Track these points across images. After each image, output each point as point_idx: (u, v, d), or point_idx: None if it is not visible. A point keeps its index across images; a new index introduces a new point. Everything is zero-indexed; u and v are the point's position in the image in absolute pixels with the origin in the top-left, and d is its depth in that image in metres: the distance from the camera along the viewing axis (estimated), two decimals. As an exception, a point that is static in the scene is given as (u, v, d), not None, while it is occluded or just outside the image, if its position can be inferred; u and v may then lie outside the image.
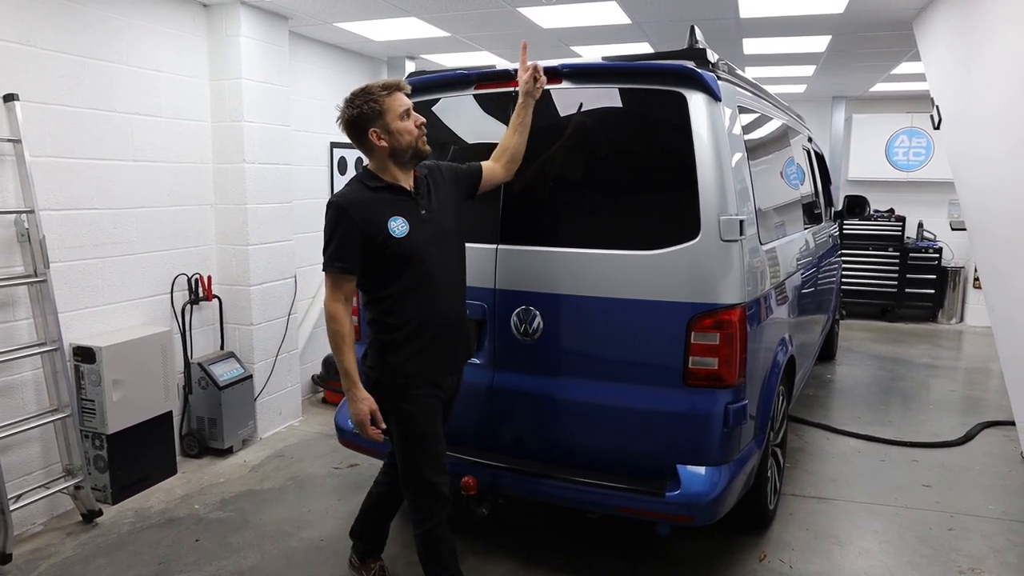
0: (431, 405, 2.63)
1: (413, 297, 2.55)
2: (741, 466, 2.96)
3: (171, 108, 4.34)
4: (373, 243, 2.48)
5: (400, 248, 2.50)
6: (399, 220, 2.52)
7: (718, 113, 2.84)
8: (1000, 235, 2.95)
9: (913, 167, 8.99)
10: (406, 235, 2.51)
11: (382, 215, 2.51)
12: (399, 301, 2.56)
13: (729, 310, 2.77)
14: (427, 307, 2.58)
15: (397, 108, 2.52)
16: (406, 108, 2.54)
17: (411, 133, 2.54)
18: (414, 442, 2.62)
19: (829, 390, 6.07)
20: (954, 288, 8.87)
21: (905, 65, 6.73)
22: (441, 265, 2.61)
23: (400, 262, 2.52)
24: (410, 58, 6.60)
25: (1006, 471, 4.37)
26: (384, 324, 2.60)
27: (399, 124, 2.52)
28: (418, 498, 2.65)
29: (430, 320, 2.59)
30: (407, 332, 2.56)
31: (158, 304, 4.35)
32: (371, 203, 2.52)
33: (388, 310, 2.58)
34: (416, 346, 2.58)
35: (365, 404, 2.52)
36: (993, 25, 3.28)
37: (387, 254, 2.50)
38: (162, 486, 4.12)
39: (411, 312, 2.56)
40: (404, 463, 2.65)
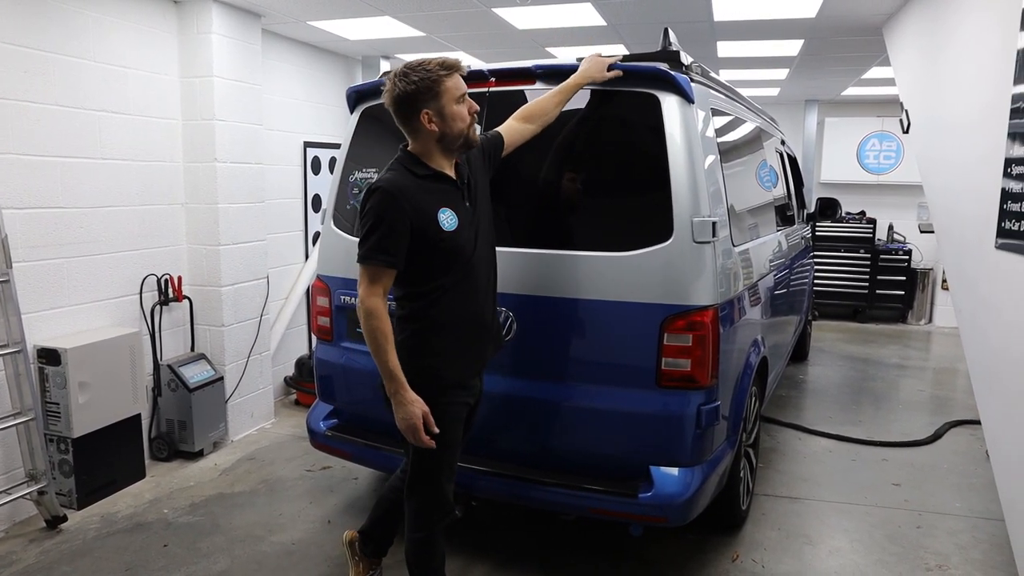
0: (460, 412, 2.54)
1: (456, 294, 2.42)
2: (714, 467, 2.97)
3: (140, 105, 4.27)
4: (424, 235, 2.30)
5: (450, 243, 2.35)
6: (447, 212, 2.35)
7: (691, 115, 2.86)
8: (967, 239, 2.99)
9: (884, 170, 9.13)
10: (456, 229, 2.36)
11: (432, 205, 2.33)
12: (442, 298, 2.41)
13: (702, 311, 2.78)
14: (468, 305, 2.47)
15: (455, 91, 2.34)
16: (463, 92, 2.37)
17: (464, 120, 2.37)
18: (440, 450, 2.42)
19: (801, 391, 6.14)
20: (923, 289, 9.01)
21: (876, 70, 6.83)
22: (483, 261, 2.51)
23: (448, 257, 2.38)
24: (385, 58, 6.57)
25: (972, 469, 4.44)
26: (423, 322, 2.42)
27: (454, 108, 2.34)
28: (425, 505, 2.54)
29: (470, 319, 2.48)
30: (448, 332, 2.44)
31: (127, 305, 4.27)
32: (420, 191, 2.33)
33: (429, 307, 2.41)
34: (456, 347, 2.46)
35: (417, 407, 2.30)
36: (959, 32, 3.33)
37: (435, 249, 2.34)
38: (130, 490, 4.04)
39: (453, 310, 2.43)
40: (420, 468, 2.49)
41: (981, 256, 2.79)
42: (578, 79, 2.85)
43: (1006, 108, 2.58)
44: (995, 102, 2.72)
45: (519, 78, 3.11)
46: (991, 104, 2.76)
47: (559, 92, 2.84)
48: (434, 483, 2.51)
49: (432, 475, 2.51)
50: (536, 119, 2.82)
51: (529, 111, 2.83)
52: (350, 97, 3.55)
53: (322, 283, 3.48)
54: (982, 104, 2.89)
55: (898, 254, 8.92)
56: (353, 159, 3.53)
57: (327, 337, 3.53)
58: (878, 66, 6.60)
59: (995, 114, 2.70)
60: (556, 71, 3.03)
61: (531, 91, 3.06)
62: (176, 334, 4.61)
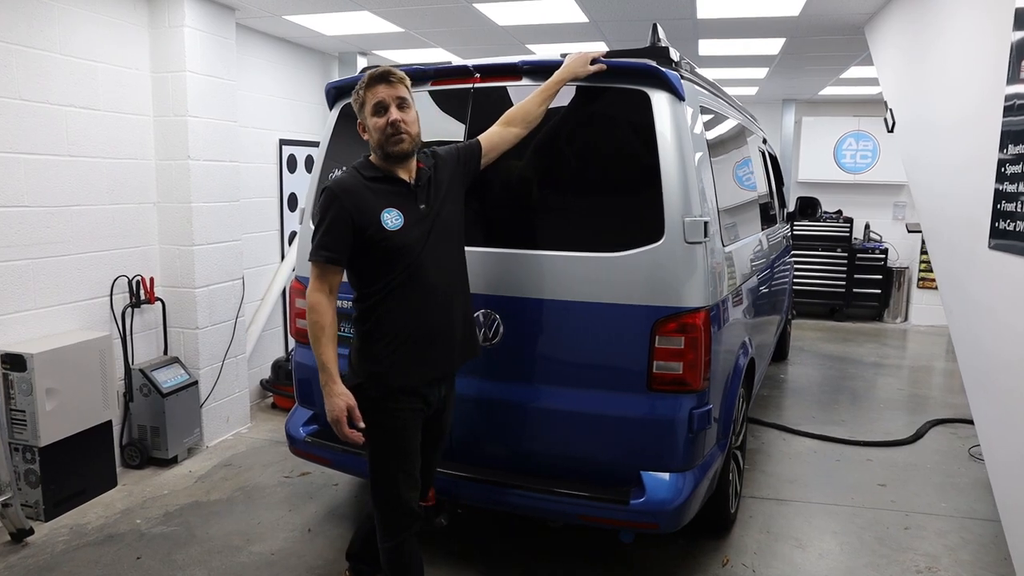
0: (412, 419, 2.47)
1: (401, 297, 2.40)
2: (705, 471, 2.92)
3: (110, 101, 4.12)
4: (363, 234, 2.33)
5: (392, 242, 2.35)
6: (393, 212, 2.37)
7: (682, 113, 2.80)
8: (957, 240, 2.97)
9: (860, 169, 9.19)
10: (399, 229, 2.36)
11: (376, 205, 2.37)
12: (385, 300, 2.40)
13: (693, 313, 2.72)
14: (416, 310, 2.42)
15: (371, 102, 2.39)
16: (377, 102, 2.37)
17: (379, 131, 2.37)
18: (390, 457, 2.46)
19: (783, 390, 6.14)
20: (899, 288, 9.09)
21: (854, 69, 6.86)
22: (436, 265, 2.45)
23: (391, 257, 2.37)
24: (362, 54, 6.45)
25: (955, 468, 4.46)
26: (367, 324, 2.44)
27: (370, 120, 2.40)
28: (388, 514, 2.50)
29: (419, 324, 2.42)
30: (394, 335, 2.41)
31: (96, 308, 4.12)
32: (365, 191, 2.38)
33: (373, 309, 2.42)
34: (402, 351, 2.42)
35: (342, 399, 2.34)
36: (947, 31, 3.32)
37: (378, 248, 2.35)
38: (101, 500, 3.90)
39: (399, 312, 2.41)
40: (376, 477, 2.49)
41: (973, 257, 2.77)
42: (561, 75, 2.79)
43: (999, 107, 2.55)
44: (986, 102, 2.69)
45: (505, 74, 3.03)
46: (982, 104, 2.74)
47: (542, 91, 2.78)
48: (391, 491, 2.47)
49: (388, 483, 2.47)
50: (519, 122, 2.76)
51: (511, 115, 2.77)
52: (329, 93, 3.44)
53: (301, 284, 3.37)
54: (973, 104, 2.87)
55: (874, 253, 8.99)
56: (332, 157, 3.42)
57: (306, 340, 3.41)
58: (857, 65, 6.62)
59: (987, 114, 2.67)
60: (543, 67, 2.95)
61: (517, 87, 2.99)
62: (148, 337, 4.47)
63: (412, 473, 2.50)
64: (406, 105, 2.41)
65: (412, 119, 2.42)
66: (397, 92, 2.39)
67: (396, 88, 2.39)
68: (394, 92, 2.39)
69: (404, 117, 2.38)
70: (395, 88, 2.39)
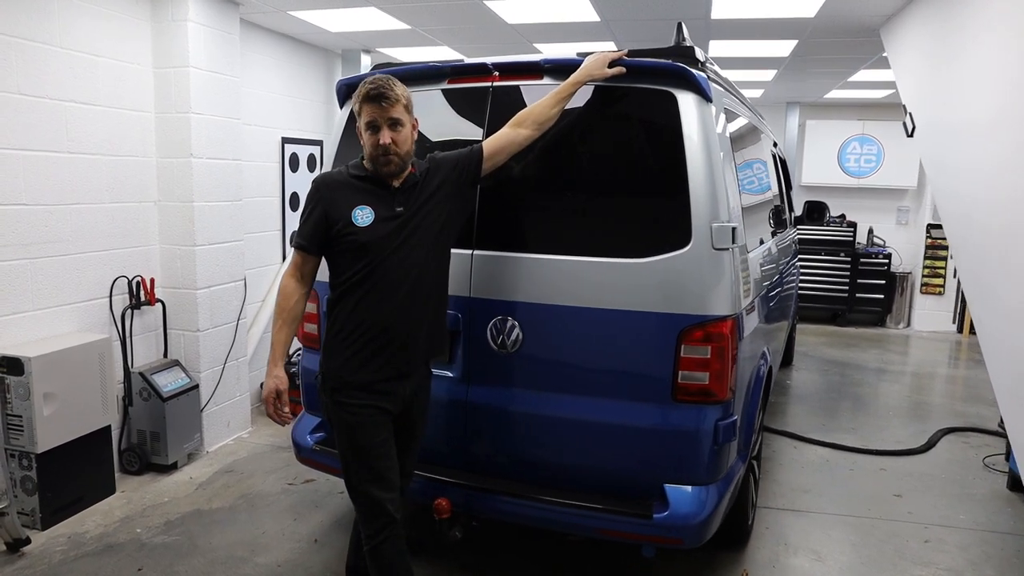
0: (372, 416, 2.45)
1: (361, 293, 2.41)
2: (728, 484, 2.84)
3: (111, 97, 4.00)
4: (334, 226, 2.41)
5: (358, 238, 2.39)
6: (366, 210, 2.41)
7: (709, 115, 2.71)
8: (988, 247, 2.89)
9: (864, 173, 9.14)
10: (367, 226, 2.40)
11: (351, 201, 2.42)
12: (347, 295, 2.44)
13: (720, 322, 2.63)
14: (374, 307, 2.41)
15: (364, 118, 2.41)
16: (368, 121, 2.39)
17: (370, 146, 2.41)
18: (353, 454, 2.47)
19: (789, 396, 6.06)
20: (902, 293, 9.04)
21: (863, 72, 6.79)
22: (402, 265, 2.42)
23: (355, 253, 2.41)
24: (366, 51, 6.34)
25: (970, 479, 4.39)
26: (332, 315, 2.49)
27: (364, 134, 2.43)
28: (362, 514, 2.50)
29: (375, 321, 2.41)
30: (348, 331, 2.43)
31: (95, 309, 4.00)
32: (345, 187, 2.46)
33: (336, 303, 2.48)
34: (354, 350, 2.43)
35: (275, 381, 2.46)
36: (975, 31, 3.24)
37: (344, 242, 2.40)
38: (99, 508, 3.78)
39: (356, 309, 2.42)
40: (345, 474, 2.51)
41: (1006, 265, 2.68)
42: (578, 77, 2.69)
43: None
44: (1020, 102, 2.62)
45: (525, 73, 2.93)
46: (1019, 102, 2.66)
47: (557, 92, 2.67)
48: (361, 491, 2.46)
49: (357, 480, 2.47)
50: (529, 123, 2.65)
51: (522, 116, 2.68)
52: (340, 91, 3.33)
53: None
54: (1008, 103, 2.78)
55: (878, 258, 8.93)
56: (342, 157, 3.31)
57: (314, 345, 3.31)
58: (866, 68, 6.56)
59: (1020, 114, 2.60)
60: (565, 66, 2.85)
61: (538, 87, 2.88)
62: (148, 340, 4.35)
63: (380, 472, 2.46)
64: (399, 125, 2.40)
65: (404, 138, 2.42)
66: (389, 114, 2.38)
67: (388, 110, 2.38)
68: (386, 114, 2.37)
69: (395, 138, 2.38)
70: (387, 111, 2.37)
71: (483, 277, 2.87)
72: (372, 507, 2.45)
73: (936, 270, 8.82)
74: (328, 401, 2.49)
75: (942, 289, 8.83)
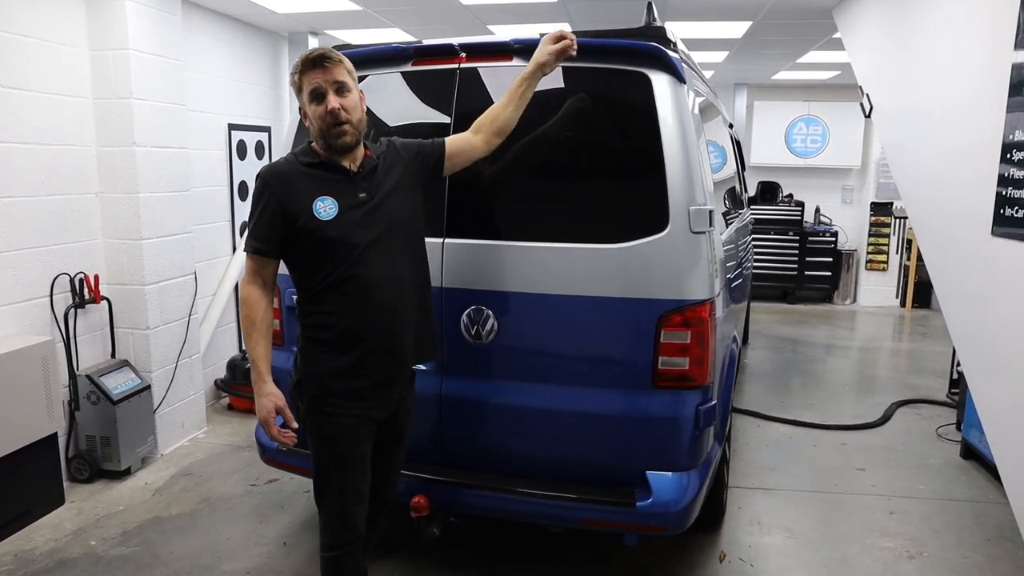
0: (355, 425, 2.29)
1: (340, 293, 2.22)
2: (708, 468, 2.83)
3: (43, 81, 3.73)
4: (295, 224, 2.19)
5: (325, 233, 2.18)
6: (327, 200, 2.20)
7: (683, 96, 2.67)
8: (954, 230, 2.94)
9: (810, 154, 9.32)
10: (333, 218, 2.19)
11: (308, 193, 2.20)
12: (323, 297, 2.24)
13: (699, 306, 2.61)
14: (356, 307, 2.23)
15: (306, 88, 2.20)
16: (313, 88, 2.19)
17: (319, 118, 2.19)
18: (330, 464, 2.31)
19: (747, 375, 6.15)
20: (848, 270, 9.29)
21: (811, 54, 6.88)
22: (378, 259, 2.24)
23: (325, 249, 2.20)
24: (313, 34, 6.12)
25: (927, 449, 4.52)
26: (309, 320, 2.29)
27: (308, 107, 2.22)
28: (326, 523, 2.35)
29: (358, 323, 2.24)
30: (331, 335, 2.25)
31: (35, 309, 3.75)
32: (299, 178, 2.23)
33: (314, 304, 2.27)
34: (336, 356, 2.25)
35: (270, 400, 2.24)
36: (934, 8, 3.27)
37: (310, 239, 2.19)
38: (48, 521, 3.56)
39: (336, 311, 2.24)
40: (317, 482, 2.36)
41: (974, 246, 2.73)
42: (528, 70, 2.44)
43: (1003, 88, 2.51)
44: (987, 85, 2.65)
45: (494, 54, 2.83)
46: (982, 87, 2.69)
47: (509, 92, 2.47)
48: (332, 501, 2.33)
49: (328, 490, 2.33)
50: (485, 128, 2.46)
51: (479, 121, 2.49)
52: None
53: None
54: (971, 86, 2.82)
55: (825, 236, 9.14)
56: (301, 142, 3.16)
57: (278, 341, 3.14)
58: (815, 50, 6.64)
59: (988, 97, 2.63)
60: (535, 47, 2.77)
61: (508, 68, 2.79)
62: (95, 339, 4.12)
63: (355, 486, 2.32)
64: (345, 89, 2.21)
65: (353, 104, 2.22)
66: (333, 76, 2.18)
67: (331, 72, 2.18)
68: (330, 76, 2.18)
69: (344, 103, 2.19)
70: (330, 72, 2.18)
71: (455, 266, 2.78)
72: (342, 520, 2.31)
73: (880, 247, 9.08)
74: (306, 408, 2.30)
75: (885, 265, 9.10)
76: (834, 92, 9.17)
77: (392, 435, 2.47)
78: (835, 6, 4.78)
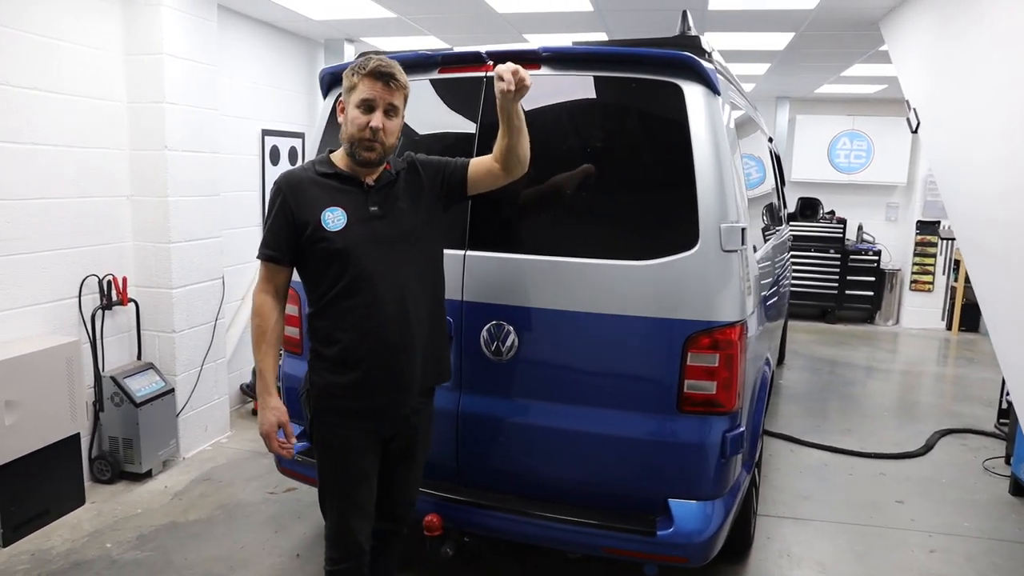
0: (356, 438, 2.25)
1: (346, 306, 2.18)
2: (735, 497, 2.70)
3: (78, 85, 3.77)
4: (305, 232, 2.17)
5: (332, 244, 2.15)
6: (337, 211, 2.18)
7: (717, 108, 2.55)
8: (1007, 249, 2.76)
9: (854, 169, 9.06)
10: (341, 230, 2.16)
11: (319, 202, 2.18)
12: (330, 309, 2.21)
13: (728, 328, 2.49)
14: (363, 321, 2.18)
15: (361, 94, 2.16)
16: (366, 98, 2.15)
17: (356, 126, 2.15)
18: (332, 477, 2.31)
19: (782, 396, 5.95)
20: (891, 290, 8.99)
21: (856, 67, 6.68)
22: (387, 274, 2.18)
23: (332, 261, 2.17)
24: (349, 41, 6.13)
25: (971, 483, 4.29)
26: (313, 335, 2.27)
27: (352, 110, 2.18)
28: (329, 538, 2.34)
29: (365, 337, 2.18)
30: (334, 351, 2.21)
31: (63, 310, 3.78)
32: (312, 187, 2.21)
33: (318, 317, 2.25)
34: (338, 371, 2.21)
35: (273, 414, 2.23)
36: (981, 22, 3.11)
37: (317, 249, 2.17)
38: (67, 520, 3.57)
39: (342, 324, 2.19)
40: (320, 493, 2.36)
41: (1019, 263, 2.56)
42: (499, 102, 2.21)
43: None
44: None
45: (522, 62, 2.65)
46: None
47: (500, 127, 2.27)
48: (333, 515, 2.31)
49: (330, 504, 2.32)
50: (499, 161, 2.32)
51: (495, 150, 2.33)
52: (323, 80, 3.14)
53: (291, 289, 3.07)
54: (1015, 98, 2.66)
55: (867, 254, 8.87)
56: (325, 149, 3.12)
57: (296, 350, 3.14)
58: (860, 63, 6.45)
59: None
60: (564, 56, 2.70)
61: (535, 77, 2.69)
62: (121, 341, 4.13)
63: (355, 499, 2.28)
64: (394, 113, 2.20)
65: (393, 128, 2.21)
66: (391, 98, 2.18)
67: (392, 93, 2.18)
68: (388, 96, 2.17)
69: (387, 126, 2.18)
70: (391, 93, 2.18)
71: (476, 279, 2.70)
72: (344, 535, 2.29)
73: (926, 267, 8.77)
74: (311, 418, 2.31)
75: (931, 286, 8.78)
76: (880, 106, 8.91)
77: (402, 452, 2.40)
78: (882, 17, 4.61)
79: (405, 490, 2.48)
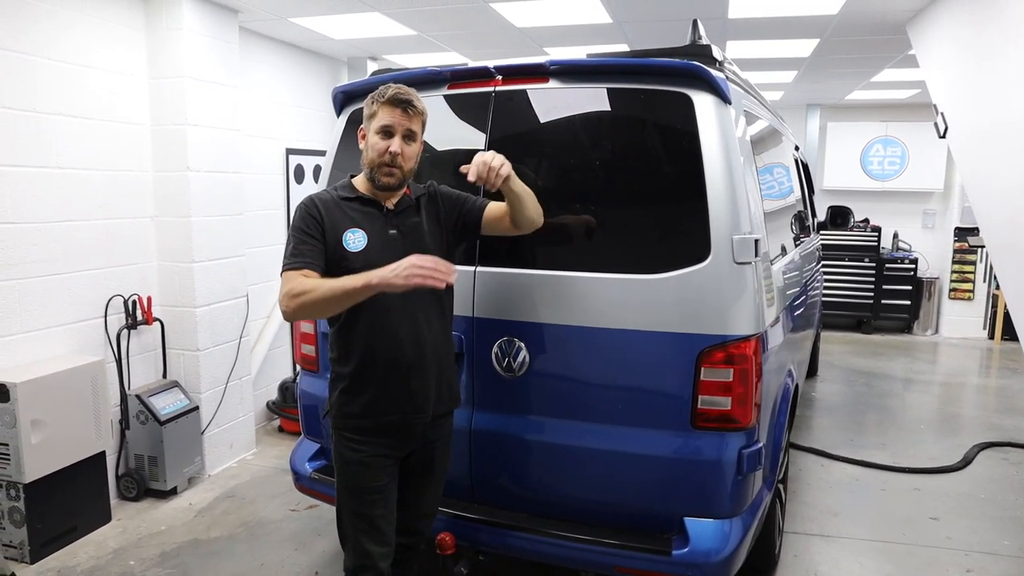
0: (375, 459, 2.29)
1: (362, 326, 2.24)
2: (754, 515, 2.62)
3: (103, 109, 3.86)
4: (328, 250, 2.22)
5: (352, 264, 2.18)
6: (358, 233, 2.24)
7: (728, 118, 2.51)
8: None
9: (888, 176, 8.85)
10: (361, 251, 2.22)
11: (342, 223, 2.25)
12: (347, 328, 2.27)
13: (743, 342, 2.42)
14: (377, 340, 2.24)
15: (381, 120, 2.23)
16: (386, 125, 2.22)
17: (376, 152, 2.23)
18: (347, 494, 2.32)
19: (815, 409, 5.81)
20: (929, 299, 8.74)
21: (887, 72, 6.54)
22: (403, 294, 2.14)
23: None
24: (372, 59, 6.19)
25: (1012, 499, 4.12)
26: (335, 353, 2.33)
27: (372, 136, 2.26)
28: (348, 557, 2.36)
29: (380, 356, 2.24)
30: (352, 367, 2.27)
31: (89, 330, 3.85)
32: (336, 208, 2.28)
33: (337, 336, 2.31)
34: (353, 390, 2.27)
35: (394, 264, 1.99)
36: (1010, 24, 3.01)
37: (338, 268, 2.19)
38: (92, 538, 3.62)
39: (357, 343, 2.26)
40: (338, 514, 2.40)
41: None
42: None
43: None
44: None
45: (529, 75, 2.74)
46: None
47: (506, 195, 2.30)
48: (349, 536, 2.33)
49: (347, 524, 2.34)
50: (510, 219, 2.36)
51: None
52: (336, 98, 3.19)
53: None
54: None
55: (904, 263, 8.64)
56: (340, 167, 3.15)
57: (313, 367, 3.15)
58: (891, 68, 6.31)
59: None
60: (571, 68, 2.68)
61: (543, 90, 2.71)
62: (146, 360, 4.20)
63: (373, 521, 2.29)
64: (412, 139, 2.28)
65: (412, 154, 2.28)
66: (409, 124, 2.25)
67: (410, 119, 2.25)
68: (406, 122, 2.25)
69: (405, 151, 2.25)
70: (409, 119, 2.25)
71: (487, 295, 2.68)
72: (360, 558, 2.29)
73: (965, 275, 8.52)
74: (335, 435, 2.35)
75: (971, 294, 8.52)
76: (914, 112, 8.70)
77: (420, 466, 2.43)
78: (908, 20, 4.50)
79: (422, 503, 2.49)
